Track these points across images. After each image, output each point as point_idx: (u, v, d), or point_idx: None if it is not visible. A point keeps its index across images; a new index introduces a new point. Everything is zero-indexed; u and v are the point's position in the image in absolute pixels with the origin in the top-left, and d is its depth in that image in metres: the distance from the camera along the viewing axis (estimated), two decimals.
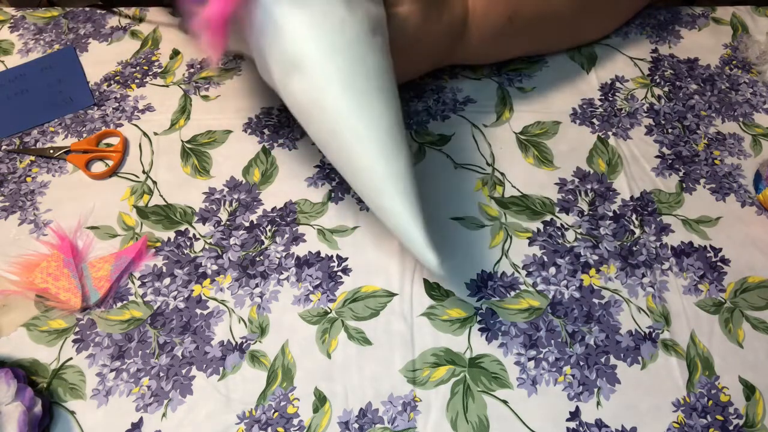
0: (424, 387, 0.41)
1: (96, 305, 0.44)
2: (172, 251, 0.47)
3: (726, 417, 0.40)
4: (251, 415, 0.40)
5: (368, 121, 0.36)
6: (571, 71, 0.58)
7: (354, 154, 0.36)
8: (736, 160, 0.52)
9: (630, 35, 0.61)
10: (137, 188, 0.50)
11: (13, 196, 0.50)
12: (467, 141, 0.53)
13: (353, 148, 0.36)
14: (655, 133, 0.54)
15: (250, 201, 0.49)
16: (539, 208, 0.49)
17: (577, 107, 0.55)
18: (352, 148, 0.36)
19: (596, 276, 0.46)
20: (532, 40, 0.55)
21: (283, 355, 0.42)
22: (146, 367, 0.42)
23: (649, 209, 0.49)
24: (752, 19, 0.62)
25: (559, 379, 0.41)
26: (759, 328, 0.43)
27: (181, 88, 0.57)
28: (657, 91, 0.56)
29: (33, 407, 0.38)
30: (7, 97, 0.56)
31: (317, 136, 0.38)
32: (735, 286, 0.45)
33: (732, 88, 0.57)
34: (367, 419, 0.40)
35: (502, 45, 0.53)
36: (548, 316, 0.44)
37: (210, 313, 0.44)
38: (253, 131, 0.54)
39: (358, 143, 0.36)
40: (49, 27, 0.62)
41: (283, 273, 0.46)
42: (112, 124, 0.54)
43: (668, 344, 0.43)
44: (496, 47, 0.53)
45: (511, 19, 0.49)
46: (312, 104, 0.37)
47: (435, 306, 0.44)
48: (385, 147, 0.36)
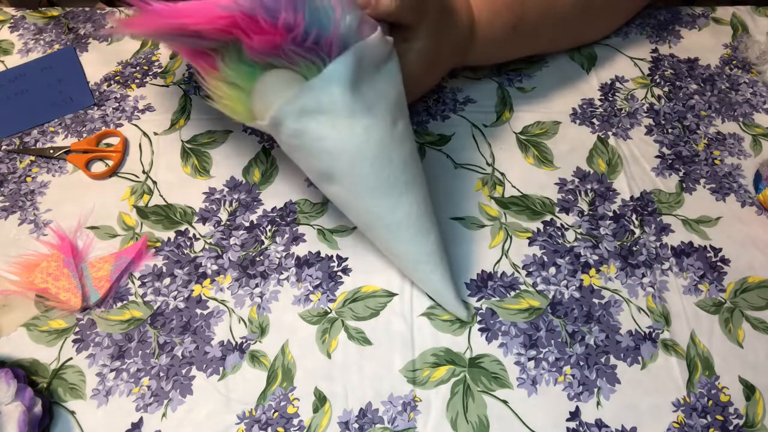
0: (424, 387, 0.41)
1: (96, 305, 0.44)
2: (172, 251, 0.47)
3: (726, 417, 0.40)
4: (251, 415, 0.40)
5: (400, 216, 0.39)
6: (571, 71, 0.58)
7: (389, 243, 0.41)
8: (736, 160, 0.52)
9: (630, 35, 0.61)
10: (137, 188, 0.50)
11: (13, 196, 0.50)
12: (467, 141, 0.53)
13: (387, 239, 0.41)
14: (655, 133, 0.54)
15: (250, 201, 0.49)
16: (539, 208, 0.49)
17: (577, 107, 0.55)
18: (386, 239, 0.41)
19: (596, 276, 0.46)
20: (535, 43, 0.55)
21: (283, 355, 0.42)
22: (146, 367, 0.42)
23: (649, 209, 0.49)
24: (752, 19, 0.62)
25: (559, 379, 0.41)
26: (759, 328, 0.43)
27: (181, 88, 0.57)
28: (657, 91, 0.56)
29: (33, 407, 0.38)
30: (7, 97, 0.56)
31: (357, 225, 0.43)
32: (735, 286, 0.45)
33: (732, 88, 0.57)
34: (367, 419, 0.40)
35: (506, 50, 0.53)
36: (548, 316, 0.44)
37: (210, 313, 0.44)
38: (253, 131, 0.54)
39: (390, 234, 0.40)
40: (49, 27, 0.62)
41: (283, 273, 0.46)
42: (112, 124, 0.54)
43: (668, 344, 0.43)
44: (500, 52, 0.53)
45: (515, 28, 0.49)
46: (347, 205, 0.41)
47: (435, 306, 0.44)
48: (416, 233, 0.40)
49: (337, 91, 0.36)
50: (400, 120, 0.39)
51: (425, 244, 0.41)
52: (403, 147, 0.39)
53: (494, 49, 0.51)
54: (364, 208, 0.39)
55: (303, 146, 0.38)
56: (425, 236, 0.40)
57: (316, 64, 0.36)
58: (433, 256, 0.41)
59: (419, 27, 0.42)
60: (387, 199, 0.39)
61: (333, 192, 0.40)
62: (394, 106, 0.39)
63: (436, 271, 0.41)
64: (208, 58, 0.39)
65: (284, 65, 0.36)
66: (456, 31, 0.46)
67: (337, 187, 0.39)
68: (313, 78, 0.36)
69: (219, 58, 0.38)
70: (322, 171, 0.39)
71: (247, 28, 0.34)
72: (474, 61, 0.53)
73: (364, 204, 0.39)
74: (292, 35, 0.34)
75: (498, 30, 0.49)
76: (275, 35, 0.34)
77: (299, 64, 0.36)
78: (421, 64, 0.44)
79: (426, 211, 0.41)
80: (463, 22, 0.46)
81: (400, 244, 0.41)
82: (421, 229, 0.40)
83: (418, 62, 0.43)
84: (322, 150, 0.37)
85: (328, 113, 0.36)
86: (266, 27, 0.34)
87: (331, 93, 0.36)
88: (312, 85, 0.36)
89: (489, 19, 0.48)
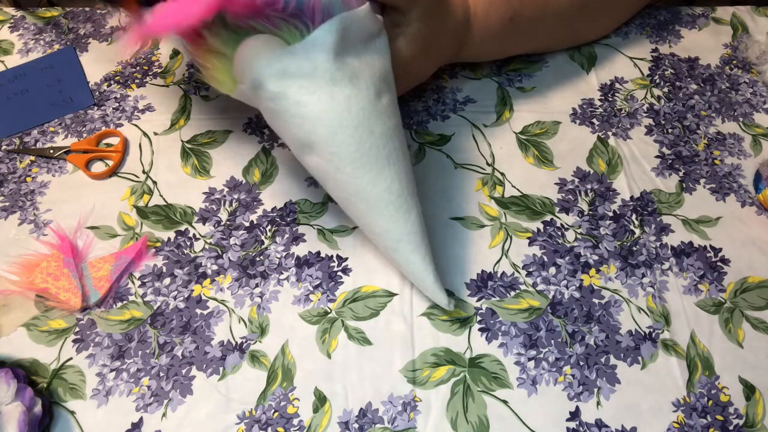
0: (424, 387, 0.41)
1: (96, 305, 0.44)
2: (172, 251, 0.47)
3: (726, 417, 0.40)
4: (251, 415, 0.40)
5: (380, 190, 0.38)
6: (571, 71, 0.58)
7: (368, 219, 0.40)
8: (736, 160, 0.52)
9: (630, 35, 0.61)
10: (137, 188, 0.50)
11: (13, 196, 0.50)
12: (467, 141, 0.53)
13: (367, 214, 0.40)
14: (655, 133, 0.54)
15: (250, 201, 0.49)
16: (539, 208, 0.49)
17: (577, 107, 0.55)
18: (366, 214, 0.40)
19: (596, 276, 0.46)
20: (533, 39, 0.55)
21: (283, 355, 0.42)
22: (146, 367, 0.42)
23: (649, 209, 0.49)
24: (752, 19, 0.62)
25: (559, 379, 0.41)
26: (759, 328, 0.43)
27: (181, 88, 0.57)
28: (657, 92, 0.56)
29: (33, 407, 0.38)
30: (7, 97, 0.56)
31: (337, 200, 0.42)
32: (735, 286, 0.45)
33: (732, 88, 0.57)
34: (367, 419, 0.40)
35: (503, 44, 0.53)
36: (548, 316, 0.44)
37: (210, 313, 0.44)
38: (253, 131, 0.54)
39: (371, 210, 0.39)
40: (49, 27, 0.62)
41: (283, 273, 0.46)
42: (112, 124, 0.54)
43: (668, 344, 0.43)
44: (497, 46, 0.53)
45: (512, 20, 0.49)
46: (326, 177, 0.39)
47: (435, 306, 0.44)
48: (397, 210, 0.39)
49: (319, 57, 0.35)
50: (385, 94, 0.39)
51: (406, 222, 0.39)
52: (387, 121, 0.39)
53: (492, 43, 0.51)
54: (344, 181, 0.38)
55: (282, 111, 0.37)
56: (406, 214, 0.39)
57: (300, 29, 0.36)
58: (414, 236, 0.40)
59: (411, 11, 0.42)
60: (367, 172, 0.38)
61: (313, 163, 0.39)
62: (380, 80, 0.39)
63: (416, 252, 0.40)
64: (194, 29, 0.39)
65: (267, 30, 0.36)
66: (450, 20, 0.46)
67: (315, 157, 0.38)
68: (296, 43, 0.36)
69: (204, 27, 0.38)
70: (302, 139, 0.38)
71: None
72: (472, 55, 0.53)
73: (343, 176, 0.38)
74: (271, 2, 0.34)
75: (494, 21, 0.49)
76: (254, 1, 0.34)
77: (282, 28, 0.36)
78: (412, 50, 0.43)
79: (408, 188, 0.40)
80: (457, 12, 0.46)
81: (379, 219, 0.39)
82: (402, 205, 0.39)
83: (408, 48, 0.43)
84: (301, 116, 0.36)
85: (309, 78, 0.36)
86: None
87: (313, 59, 0.36)
88: (294, 49, 0.36)
89: (485, 10, 0.48)
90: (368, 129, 0.37)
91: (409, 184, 0.40)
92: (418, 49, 0.44)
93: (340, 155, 0.37)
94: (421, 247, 0.40)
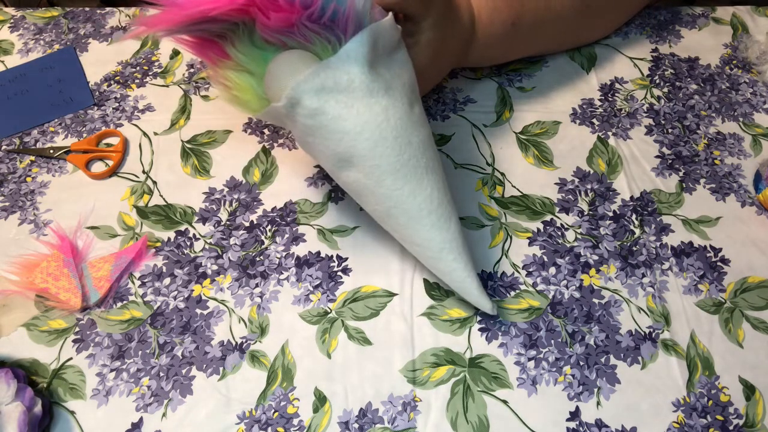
0: (424, 387, 0.41)
1: (96, 305, 0.44)
2: (172, 251, 0.47)
3: (726, 417, 0.40)
4: (251, 415, 0.40)
5: (420, 201, 0.38)
6: (571, 71, 0.58)
7: (409, 230, 0.39)
8: (736, 160, 0.52)
9: (630, 35, 0.61)
10: (137, 188, 0.50)
11: (13, 196, 0.50)
12: (467, 141, 0.53)
13: (408, 226, 0.39)
14: (655, 133, 0.54)
15: (250, 201, 0.49)
16: (539, 208, 0.49)
17: (577, 107, 0.55)
18: (407, 225, 0.39)
19: (596, 276, 0.46)
20: (536, 43, 0.55)
21: (283, 355, 0.42)
22: (146, 367, 0.42)
23: (649, 209, 0.49)
24: (752, 19, 0.62)
25: (559, 379, 0.41)
26: (759, 328, 0.43)
27: (181, 88, 0.57)
28: (657, 92, 0.56)
29: (33, 407, 0.38)
30: (7, 97, 0.56)
31: (374, 215, 0.41)
32: (735, 286, 0.45)
33: (732, 88, 0.57)
34: (367, 419, 0.40)
35: (506, 48, 0.53)
36: (548, 316, 0.44)
37: (210, 313, 0.44)
38: (253, 131, 0.54)
39: (412, 222, 0.39)
40: (49, 27, 0.62)
41: (283, 273, 0.46)
42: (112, 124, 0.54)
43: (668, 344, 0.43)
44: (500, 51, 0.53)
45: (514, 25, 0.49)
46: (365, 192, 0.39)
47: (435, 306, 0.44)
48: (438, 219, 0.39)
49: (355, 70, 0.35)
50: (416, 104, 0.39)
51: (447, 230, 0.39)
52: (421, 131, 0.38)
53: (495, 47, 0.51)
54: (384, 194, 0.38)
55: (321, 127, 0.36)
56: (447, 222, 0.39)
57: (332, 42, 0.35)
58: (455, 243, 0.39)
59: (424, 20, 0.42)
60: (408, 183, 0.37)
61: (351, 179, 0.39)
62: (410, 90, 0.39)
63: (459, 260, 0.39)
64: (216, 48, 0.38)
65: (298, 45, 0.36)
66: (458, 26, 0.46)
67: (355, 172, 0.38)
68: (331, 56, 0.35)
69: (229, 44, 0.37)
70: (341, 154, 0.37)
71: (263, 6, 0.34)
72: (476, 60, 0.53)
73: (383, 189, 0.38)
74: (308, 12, 0.34)
75: (498, 26, 0.49)
76: (292, 12, 0.34)
77: (314, 42, 0.35)
78: (426, 58, 0.43)
79: (446, 196, 0.40)
80: (464, 19, 0.47)
81: (422, 230, 0.39)
82: (443, 214, 0.39)
83: (422, 56, 0.43)
84: (341, 131, 0.36)
85: (347, 92, 0.35)
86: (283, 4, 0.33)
87: (349, 71, 0.35)
88: (330, 63, 0.35)
89: (489, 15, 0.48)
90: (407, 139, 0.37)
91: (447, 193, 0.40)
92: (430, 57, 0.44)
93: (380, 167, 0.37)
94: (463, 254, 0.40)
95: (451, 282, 0.41)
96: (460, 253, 0.40)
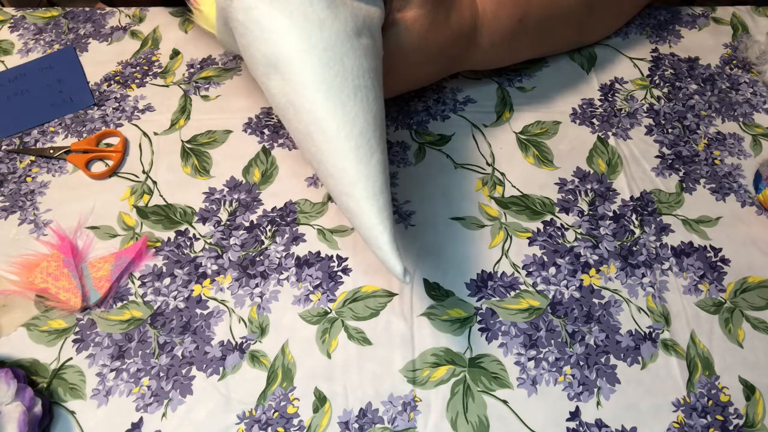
0: (424, 387, 0.41)
1: (96, 305, 0.44)
2: (172, 251, 0.47)
3: (726, 417, 0.40)
4: (251, 415, 0.40)
5: (341, 122, 0.35)
6: (571, 71, 0.58)
7: (325, 155, 0.36)
8: (736, 160, 0.52)
9: (630, 35, 0.61)
10: (137, 188, 0.50)
11: (13, 196, 0.50)
12: (467, 141, 0.53)
13: (324, 149, 0.36)
14: (655, 133, 0.54)
15: (250, 201, 0.49)
16: (539, 208, 0.49)
17: (577, 107, 0.55)
18: (323, 148, 0.36)
19: (596, 276, 0.46)
20: (542, 42, 0.54)
21: (283, 355, 0.42)
22: (146, 367, 0.42)
23: (649, 209, 0.49)
24: (752, 19, 0.62)
25: (559, 379, 0.41)
26: (759, 328, 0.43)
27: (181, 88, 0.57)
28: (657, 92, 0.56)
29: (33, 407, 0.38)
30: (7, 97, 0.56)
31: (294, 135, 0.38)
32: (735, 286, 0.45)
33: (732, 88, 0.57)
34: (367, 419, 0.40)
35: (513, 48, 0.52)
36: (548, 316, 0.44)
37: (210, 313, 0.44)
38: (253, 131, 0.54)
39: (328, 144, 0.36)
40: (49, 27, 0.62)
41: (283, 273, 0.46)
42: (112, 124, 0.54)
43: (668, 344, 0.43)
44: (506, 51, 0.52)
45: (521, 21, 0.49)
46: (288, 104, 0.37)
47: (435, 306, 0.44)
48: (358, 148, 0.36)
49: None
50: (366, 38, 0.38)
51: (366, 164, 0.35)
52: (362, 60, 0.37)
53: (500, 46, 0.51)
54: (304, 107, 0.36)
55: (252, 24, 0.36)
56: (367, 155, 0.36)
57: None
58: (372, 182, 0.35)
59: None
60: (330, 99, 0.35)
61: (276, 88, 0.37)
62: (363, 23, 0.38)
63: (372, 202, 0.35)
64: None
65: None
66: (454, 15, 0.45)
67: (279, 80, 0.37)
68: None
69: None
70: (268, 57, 0.36)
71: None
72: (480, 61, 0.52)
73: (304, 101, 0.36)
74: None
75: (504, 22, 0.48)
76: None
77: None
78: (412, 37, 0.43)
79: (374, 132, 0.37)
80: (464, 10, 0.46)
81: (337, 158, 0.36)
82: (364, 145, 0.36)
83: (408, 34, 0.43)
84: (271, 30, 0.36)
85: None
86: None
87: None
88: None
89: (494, 11, 0.48)
90: (338, 56, 0.36)
91: (377, 130, 0.37)
92: (418, 38, 0.43)
93: (302, 74, 0.35)
94: (378, 197, 0.35)
95: (360, 227, 0.36)
96: (374, 194, 0.35)
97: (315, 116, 0.36)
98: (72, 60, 0.59)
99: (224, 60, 0.58)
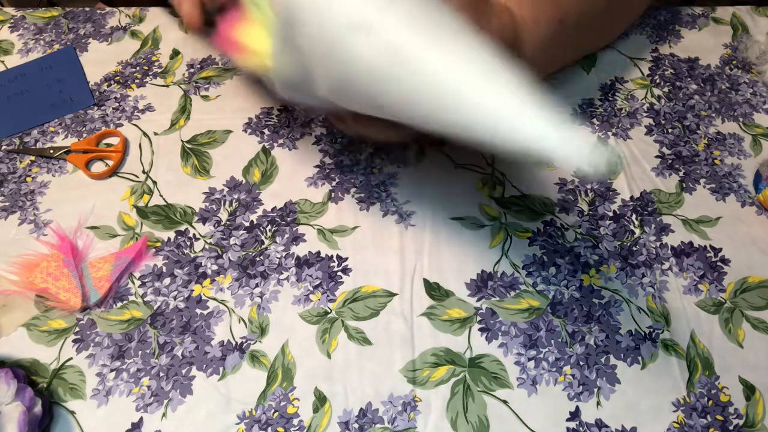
0: (424, 387, 0.41)
1: (96, 305, 0.44)
2: (172, 251, 0.47)
3: (726, 417, 0.40)
4: (251, 415, 0.40)
5: (453, 52, 0.31)
6: (571, 71, 0.58)
7: (449, 96, 0.31)
8: (736, 160, 0.52)
9: (630, 35, 0.61)
10: (137, 188, 0.50)
11: (13, 196, 0.50)
12: None
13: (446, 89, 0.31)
14: (655, 133, 0.54)
15: (250, 201, 0.49)
16: (539, 208, 0.49)
17: (577, 107, 0.55)
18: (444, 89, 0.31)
19: (596, 276, 0.46)
20: (580, 43, 0.53)
21: (283, 355, 0.42)
22: (146, 367, 0.42)
23: (649, 209, 0.49)
24: (752, 19, 0.62)
25: (559, 379, 0.41)
26: (759, 328, 0.43)
27: (181, 88, 0.57)
28: (657, 92, 0.56)
29: (33, 407, 0.38)
30: (7, 97, 0.56)
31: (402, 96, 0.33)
32: (735, 286, 0.45)
33: (732, 88, 0.57)
34: (367, 419, 0.40)
35: (555, 52, 0.51)
36: (548, 316, 0.44)
37: (210, 313, 0.44)
38: (253, 131, 0.54)
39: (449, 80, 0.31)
40: (49, 27, 0.62)
41: (283, 273, 0.46)
42: (112, 124, 0.54)
43: (668, 344, 0.43)
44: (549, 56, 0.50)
45: (561, 22, 0.47)
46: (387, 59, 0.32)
47: (435, 306, 0.44)
48: (484, 71, 0.31)
49: None
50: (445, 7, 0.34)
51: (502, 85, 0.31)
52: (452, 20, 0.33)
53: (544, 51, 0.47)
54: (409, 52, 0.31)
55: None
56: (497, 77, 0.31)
57: None
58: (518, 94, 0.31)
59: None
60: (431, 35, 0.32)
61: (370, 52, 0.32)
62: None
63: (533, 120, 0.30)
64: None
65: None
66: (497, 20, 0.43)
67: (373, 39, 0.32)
68: None
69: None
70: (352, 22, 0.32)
71: None
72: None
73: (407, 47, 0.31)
74: None
75: (544, 26, 0.46)
76: None
77: None
78: None
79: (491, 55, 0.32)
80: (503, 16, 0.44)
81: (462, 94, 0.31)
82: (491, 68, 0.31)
83: None
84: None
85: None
86: None
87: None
88: None
89: (533, 15, 0.46)
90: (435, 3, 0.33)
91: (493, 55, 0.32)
92: None
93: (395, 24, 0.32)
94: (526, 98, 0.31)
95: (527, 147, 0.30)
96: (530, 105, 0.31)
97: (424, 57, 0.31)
98: (72, 60, 0.59)
99: (224, 60, 0.58)
